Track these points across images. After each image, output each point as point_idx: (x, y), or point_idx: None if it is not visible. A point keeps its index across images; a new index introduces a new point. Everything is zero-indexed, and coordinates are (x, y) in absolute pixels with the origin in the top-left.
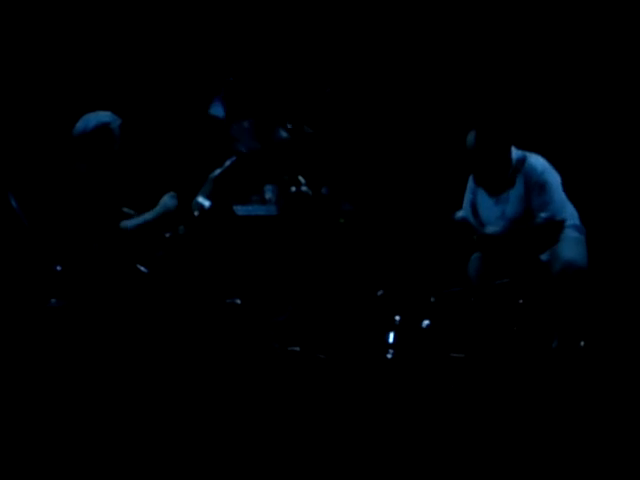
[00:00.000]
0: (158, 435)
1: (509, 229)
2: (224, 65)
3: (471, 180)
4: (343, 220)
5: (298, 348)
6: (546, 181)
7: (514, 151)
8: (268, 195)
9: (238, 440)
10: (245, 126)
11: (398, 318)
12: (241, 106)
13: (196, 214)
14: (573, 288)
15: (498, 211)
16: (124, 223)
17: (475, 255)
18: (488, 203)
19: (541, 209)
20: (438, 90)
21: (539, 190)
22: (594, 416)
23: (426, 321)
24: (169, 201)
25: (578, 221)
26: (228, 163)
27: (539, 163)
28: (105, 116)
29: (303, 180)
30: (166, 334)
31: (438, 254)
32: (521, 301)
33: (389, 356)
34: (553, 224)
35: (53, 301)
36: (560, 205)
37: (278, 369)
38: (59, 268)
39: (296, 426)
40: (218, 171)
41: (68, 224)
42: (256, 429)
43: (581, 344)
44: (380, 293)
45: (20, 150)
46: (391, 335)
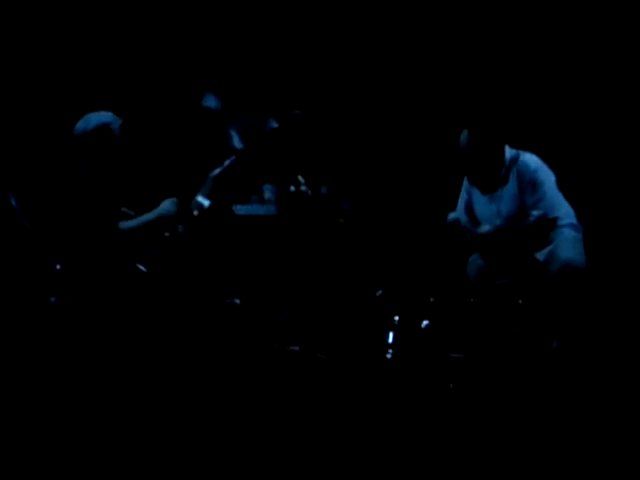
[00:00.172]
0: (158, 435)
1: (504, 227)
2: (224, 65)
3: (466, 180)
4: (342, 220)
5: (298, 348)
6: (539, 179)
7: (508, 150)
8: (267, 195)
9: (238, 440)
10: (240, 122)
11: (397, 318)
12: (237, 103)
13: (195, 213)
14: (572, 287)
15: (494, 209)
16: (122, 224)
17: (474, 256)
18: (483, 201)
19: (534, 207)
20: (438, 90)
21: (532, 188)
22: (594, 416)
23: (425, 321)
24: (169, 206)
25: (575, 220)
26: (228, 162)
27: (532, 161)
28: (106, 116)
29: (302, 180)
30: (165, 333)
31: (437, 254)
32: (520, 301)
33: (389, 356)
34: (545, 222)
35: (53, 300)
36: (553, 203)
37: (278, 369)
38: (59, 267)
39: (296, 426)
40: (218, 170)
41: (68, 223)
42: (256, 429)
43: (580, 344)
44: (379, 293)
45: (20, 150)
46: (390, 335)
